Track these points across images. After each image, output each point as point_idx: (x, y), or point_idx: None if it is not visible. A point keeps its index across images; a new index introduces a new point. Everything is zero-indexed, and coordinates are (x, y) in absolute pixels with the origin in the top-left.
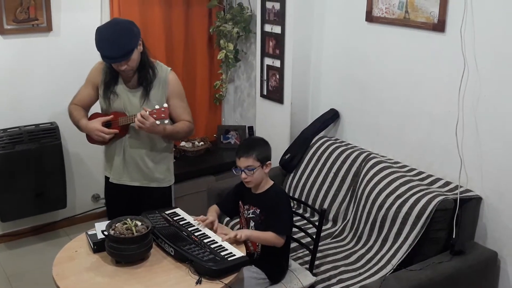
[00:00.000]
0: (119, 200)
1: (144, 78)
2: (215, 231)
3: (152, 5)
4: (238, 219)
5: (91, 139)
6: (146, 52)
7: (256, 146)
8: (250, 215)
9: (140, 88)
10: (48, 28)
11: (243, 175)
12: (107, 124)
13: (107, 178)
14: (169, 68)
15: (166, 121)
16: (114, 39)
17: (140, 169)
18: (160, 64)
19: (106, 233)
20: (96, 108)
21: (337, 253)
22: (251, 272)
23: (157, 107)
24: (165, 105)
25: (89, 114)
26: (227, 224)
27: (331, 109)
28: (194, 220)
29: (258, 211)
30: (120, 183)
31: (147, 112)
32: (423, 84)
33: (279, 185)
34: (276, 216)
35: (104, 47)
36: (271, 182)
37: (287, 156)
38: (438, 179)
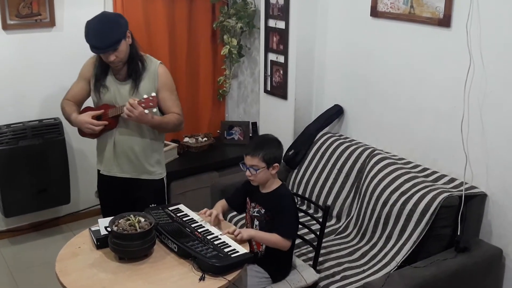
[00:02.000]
0: (111, 193)
1: (133, 70)
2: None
3: (155, 0)
4: (244, 215)
5: (82, 132)
6: (135, 45)
7: (266, 146)
8: (255, 214)
9: (130, 80)
10: (51, 23)
11: (248, 172)
12: (98, 117)
13: (99, 171)
14: (159, 61)
15: (155, 110)
16: (101, 30)
17: (130, 161)
18: (149, 58)
19: (109, 229)
20: (89, 103)
21: (341, 249)
22: (254, 271)
23: (145, 96)
24: (153, 94)
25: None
26: (231, 220)
27: (335, 105)
28: (198, 214)
29: (263, 210)
30: (110, 174)
31: (136, 102)
32: (428, 80)
33: (287, 187)
34: (281, 218)
35: (92, 38)
36: (279, 183)
37: (291, 152)
38: (443, 176)
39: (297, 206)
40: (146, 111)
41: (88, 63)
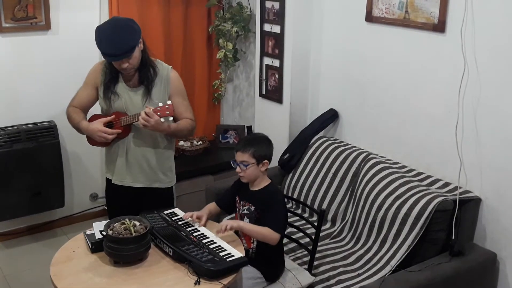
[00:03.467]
0: (121, 201)
1: (145, 76)
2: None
3: (151, 4)
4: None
5: (92, 141)
6: (146, 51)
7: (256, 143)
8: (245, 211)
9: (141, 87)
10: (47, 26)
11: (238, 168)
12: (108, 125)
13: (108, 180)
14: (170, 66)
15: (171, 118)
16: (115, 37)
17: (143, 170)
18: (160, 63)
19: (104, 233)
20: (95, 110)
21: (336, 253)
22: (247, 273)
23: (160, 104)
24: (169, 102)
25: (88, 116)
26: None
27: (330, 109)
28: (184, 217)
29: (253, 208)
30: (122, 184)
31: (151, 110)
32: (423, 85)
33: (276, 185)
34: (271, 214)
35: (105, 45)
36: (268, 181)
37: (286, 156)
38: (438, 180)
39: (292, 209)
40: (162, 119)
41: (95, 69)
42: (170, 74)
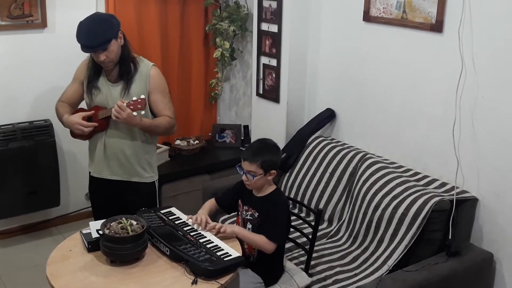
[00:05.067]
0: (102, 195)
1: (124, 71)
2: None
3: (148, 2)
4: (235, 217)
5: (73, 133)
6: (127, 46)
7: (265, 152)
8: (248, 217)
9: (121, 82)
10: (43, 24)
11: (244, 177)
12: (88, 119)
13: (90, 173)
14: (152, 63)
15: (143, 112)
16: (92, 29)
17: (120, 163)
18: (143, 60)
19: (101, 232)
20: (85, 105)
21: (332, 253)
22: (248, 277)
23: (134, 98)
24: (142, 96)
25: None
26: (223, 222)
27: (327, 108)
28: (187, 219)
29: (256, 214)
30: (100, 176)
31: (124, 104)
32: (420, 85)
33: (282, 192)
34: (271, 222)
35: (82, 37)
36: (274, 187)
37: (283, 156)
38: (435, 180)
39: (290, 210)
40: (135, 113)
41: (82, 65)
42: (150, 71)
